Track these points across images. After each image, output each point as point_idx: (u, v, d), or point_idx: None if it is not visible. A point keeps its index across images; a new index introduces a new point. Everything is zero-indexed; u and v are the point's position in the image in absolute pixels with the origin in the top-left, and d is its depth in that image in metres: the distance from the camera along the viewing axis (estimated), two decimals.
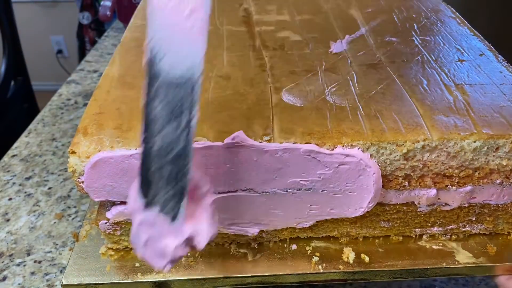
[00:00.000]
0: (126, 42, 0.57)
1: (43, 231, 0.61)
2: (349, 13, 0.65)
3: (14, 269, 0.56)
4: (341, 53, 0.54)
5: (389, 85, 0.47)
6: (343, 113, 0.43)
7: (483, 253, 0.46)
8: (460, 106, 0.44)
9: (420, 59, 0.53)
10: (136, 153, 0.39)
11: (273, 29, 0.60)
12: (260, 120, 0.42)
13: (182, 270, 0.44)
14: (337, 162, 0.40)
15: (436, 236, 0.48)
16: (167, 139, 0.30)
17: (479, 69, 0.51)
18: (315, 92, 0.46)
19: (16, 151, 0.76)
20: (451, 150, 0.41)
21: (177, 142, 0.30)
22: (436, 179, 0.43)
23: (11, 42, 1.18)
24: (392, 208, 0.46)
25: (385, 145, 0.40)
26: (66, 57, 2.46)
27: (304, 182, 0.42)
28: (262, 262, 0.45)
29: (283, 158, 0.40)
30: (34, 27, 2.36)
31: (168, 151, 0.30)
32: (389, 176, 0.43)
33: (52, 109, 0.89)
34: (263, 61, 0.52)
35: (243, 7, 0.67)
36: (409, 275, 0.45)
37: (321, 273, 0.44)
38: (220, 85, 0.47)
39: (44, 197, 0.67)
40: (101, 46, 1.16)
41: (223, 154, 0.40)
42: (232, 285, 0.44)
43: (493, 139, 0.41)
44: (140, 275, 0.44)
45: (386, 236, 0.48)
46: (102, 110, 0.44)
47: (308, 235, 0.47)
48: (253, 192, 0.42)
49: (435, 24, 0.61)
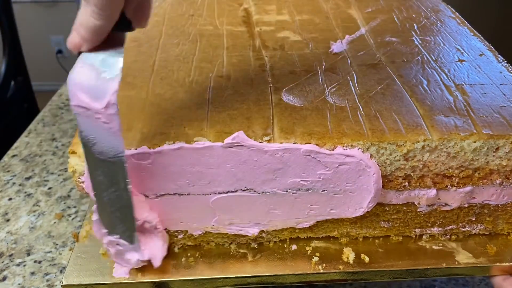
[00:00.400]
0: (126, 42, 0.57)
1: (43, 231, 0.61)
2: (349, 13, 0.65)
3: (14, 269, 0.56)
4: (341, 53, 0.54)
5: (389, 85, 0.47)
6: (343, 113, 0.43)
7: (483, 253, 0.46)
8: (460, 106, 0.44)
9: (420, 59, 0.53)
10: (136, 153, 0.39)
11: (273, 29, 0.60)
12: (260, 120, 0.42)
13: (182, 270, 0.44)
14: (337, 163, 0.40)
15: (436, 236, 0.48)
16: (112, 196, 0.38)
17: (479, 69, 0.51)
18: (315, 92, 0.46)
19: (16, 151, 0.76)
20: (451, 151, 0.41)
21: (119, 199, 0.38)
22: (436, 179, 0.43)
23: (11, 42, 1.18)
24: (392, 208, 0.46)
25: (385, 146, 0.40)
26: (66, 57, 2.46)
27: (304, 182, 0.42)
28: (262, 262, 0.45)
29: (283, 158, 0.40)
30: (34, 27, 2.36)
31: (114, 204, 0.39)
32: (389, 176, 0.43)
33: (52, 109, 0.89)
34: (263, 61, 0.52)
35: (243, 7, 0.67)
36: (409, 275, 0.45)
37: (321, 273, 0.44)
38: (220, 85, 0.47)
39: (44, 197, 0.67)
40: None
41: (223, 154, 0.40)
42: (232, 285, 0.44)
43: (493, 139, 0.41)
44: (140, 275, 0.44)
45: (386, 236, 0.48)
46: None
47: (308, 235, 0.47)
48: (253, 192, 0.42)
49: (435, 24, 0.61)
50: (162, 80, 0.49)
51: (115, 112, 0.34)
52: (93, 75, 0.33)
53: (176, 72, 0.50)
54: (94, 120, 0.34)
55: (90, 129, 0.35)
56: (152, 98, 0.46)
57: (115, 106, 0.33)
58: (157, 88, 0.47)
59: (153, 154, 0.39)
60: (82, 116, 0.34)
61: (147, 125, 0.42)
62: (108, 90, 0.33)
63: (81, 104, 0.33)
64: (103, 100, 0.33)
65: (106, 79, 0.33)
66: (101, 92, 0.33)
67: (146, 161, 0.39)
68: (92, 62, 0.34)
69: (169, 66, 0.51)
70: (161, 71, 0.50)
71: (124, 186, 0.37)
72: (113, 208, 0.39)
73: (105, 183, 0.37)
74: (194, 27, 0.60)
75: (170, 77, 0.49)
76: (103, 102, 0.33)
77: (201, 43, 0.56)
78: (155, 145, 0.39)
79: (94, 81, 0.33)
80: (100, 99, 0.33)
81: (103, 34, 0.34)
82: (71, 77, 0.33)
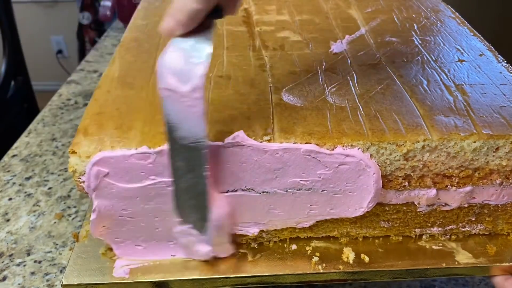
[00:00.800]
0: (126, 42, 0.57)
1: (43, 231, 0.61)
2: (349, 13, 0.65)
3: (14, 269, 0.56)
4: (341, 53, 0.54)
5: (389, 85, 0.48)
6: (343, 113, 0.43)
7: (483, 253, 0.46)
8: (460, 106, 0.44)
9: (420, 59, 0.53)
10: (136, 153, 0.39)
11: (273, 29, 0.60)
12: (260, 120, 0.42)
13: (182, 270, 0.44)
14: (337, 162, 0.40)
15: (436, 236, 0.48)
16: (188, 183, 0.38)
17: (479, 69, 0.51)
18: (315, 92, 0.46)
19: (16, 151, 0.76)
20: (451, 151, 0.41)
21: (196, 186, 0.39)
22: (436, 179, 0.43)
23: (11, 42, 1.18)
24: (392, 208, 0.46)
25: (385, 145, 0.40)
26: (66, 57, 2.46)
27: (304, 182, 0.42)
28: (262, 262, 0.45)
29: (283, 158, 0.40)
30: (34, 27, 2.36)
31: (190, 191, 0.39)
32: (389, 176, 0.43)
33: (52, 109, 0.89)
34: (263, 61, 0.52)
35: (243, 7, 0.67)
36: (409, 275, 0.45)
37: (321, 273, 0.44)
38: (220, 85, 0.47)
39: (44, 197, 0.67)
40: (101, 46, 1.16)
41: (223, 153, 0.40)
42: (232, 285, 0.44)
43: (493, 139, 0.41)
44: (140, 275, 0.44)
45: (386, 236, 0.48)
46: (103, 110, 0.44)
47: (308, 235, 0.47)
48: (253, 192, 0.42)
49: (435, 24, 0.61)
50: None
51: (201, 96, 0.34)
52: (182, 59, 0.34)
53: None
54: (180, 103, 0.35)
55: (175, 113, 0.35)
56: (152, 98, 0.46)
57: (201, 90, 0.34)
58: (157, 88, 0.47)
59: (153, 154, 0.39)
60: (169, 99, 0.35)
61: (147, 125, 0.42)
62: (195, 74, 0.34)
63: (169, 87, 0.34)
64: (190, 83, 0.34)
65: (194, 63, 0.34)
66: (188, 75, 0.34)
67: (146, 161, 0.39)
68: (182, 47, 0.35)
69: None
70: None
71: (202, 173, 0.38)
72: (189, 196, 0.39)
73: (183, 169, 0.38)
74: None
75: None
76: (190, 86, 0.34)
77: None
78: (155, 145, 0.39)
79: (182, 65, 0.34)
80: (187, 82, 0.34)
81: (199, 19, 0.34)
82: (161, 60, 0.34)
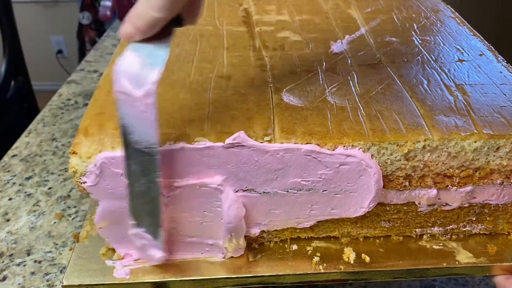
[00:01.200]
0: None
1: (43, 231, 0.61)
2: (348, 13, 0.65)
3: (14, 269, 0.56)
4: (341, 53, 0.54)
5: (389, 85, 0.47)
6: (343, 113, 0.43)
7: (484, 253, 0.46)
8: (460, 106, 0.44)
9: (420, 59, 0.53)
10: None
11: (273, 29, 0.60)
12: (260, 120, 0.42)
13: (182, 270, 0.44)
14: (338, 163, 0.40)
15: (437, 236, 0.48)
16: (142, 188, 0.39)
17: (479, 69, 0.51)
18: (316, 92, 0.46)
19: (16, 151, 0.76)
20: (451, 150, 0.41)
21: (148, 192, 0.39)
22: (437, 179, 0.43)
23: (11, 42, 1.18)
24: (393, 208, 0.46)
25: (386, 146, 0.40)
26: (66, 57, 2.46)
27: (305, 183, 0.42)
28: (262, 262, 0.45)
29: (284, 158, 0.40)
30: (34, 27, 2.36)
31: (143, 195, 0.39)
32: (389, 176, 0.43)
33: (52, 109, 0.89)
34: (263, 61, 0.52)
35: (243, 7, 0.67)
36: (409, 275, 0.45)
37: (321, 273, 0.44)
38: (220, 85, 0.47)
39: (44, 197, 0.67)
40: (101, 46, 1.16)
41: (224, 154, 0.40)
42: (232, 285, 0.44)
43: (494, 139, 0.41)
44: (141, 275, 0.44)
45: (386, 236, 0.48)
46: (103, 111, 0.44)
47: (309, 235, 0.47)
48: (254, 192, 0.42)
49: (435, 24, 0.61)
50: (162, 80, 0.48)
51: (152, 102, 0.35)
52: (137, 64, 0.35)
53: (177, 72, 0.50)
54: (133, 107, 0.35)
55: (129, 117, 0.36)
56: None
57: (153, 96, 0.34)
58: (157, 88, 0.47)
59: None
60: (123, 102, 0.35)
61: None
62: (149, 79, 0.34)
63: (123, 90, 0.35)
64: (143, 88, 0.34)
65: (149, 68, 0.35)
66: (142, 80, 0.34)
67: None
68: (139, 52, 0.35)
69: (169, 67, 0.51)
70: None
71: (154, 179, 0.38)
72: (142, 200, 0.40)
73: (137, 173, 0.38)
74: (194, 27, 0.60)
75: (170, 78, 0.49)
76: (143, 91, 0.34)
77: (201, 43, 0.56)
78: None
79: (137, 69, 0.35)
80: (140, 87, 0.34)
81: (159, 27, 0.35)
82: (117, 63, 0.35)
